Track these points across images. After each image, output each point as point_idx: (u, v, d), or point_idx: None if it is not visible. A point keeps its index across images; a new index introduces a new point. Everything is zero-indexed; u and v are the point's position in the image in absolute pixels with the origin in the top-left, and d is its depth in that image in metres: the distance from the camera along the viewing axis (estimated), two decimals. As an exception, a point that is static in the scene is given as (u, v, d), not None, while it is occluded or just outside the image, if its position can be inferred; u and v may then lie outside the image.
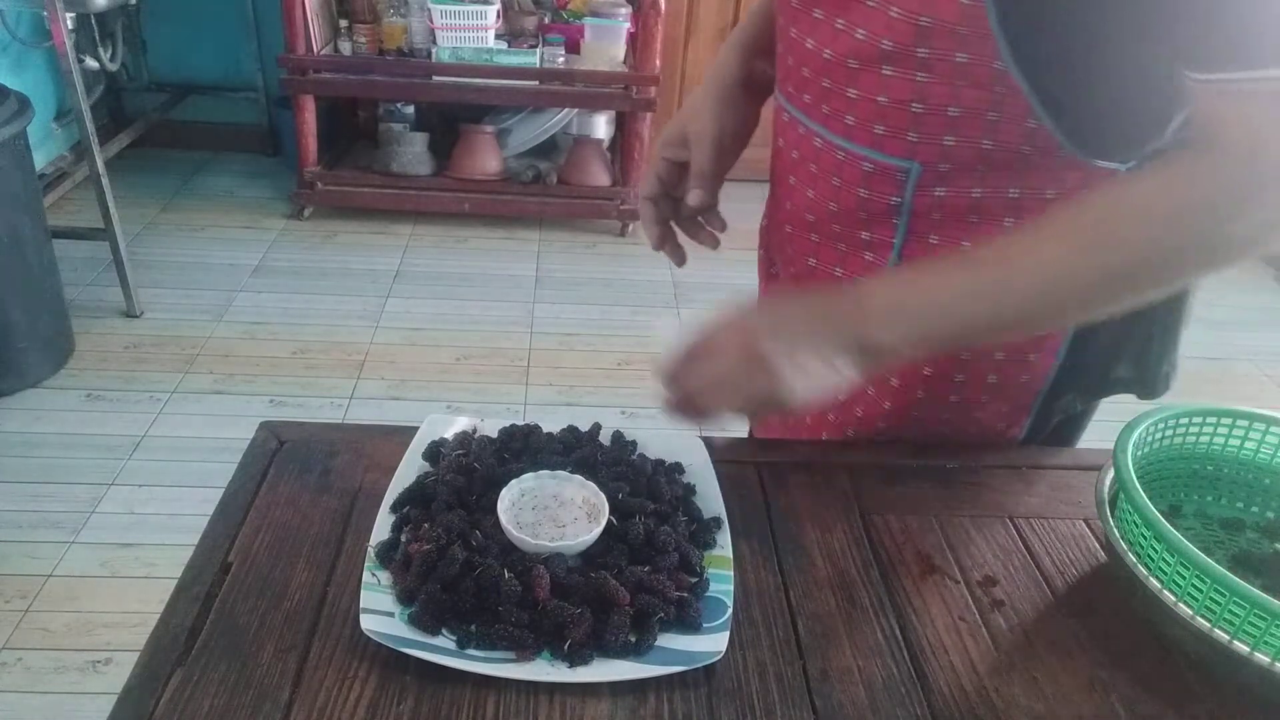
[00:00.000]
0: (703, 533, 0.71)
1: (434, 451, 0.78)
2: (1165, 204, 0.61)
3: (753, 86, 0.88)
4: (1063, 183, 0.73)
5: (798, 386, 0.67)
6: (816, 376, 0.67)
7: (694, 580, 0.67)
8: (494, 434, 0.80)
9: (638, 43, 3.16)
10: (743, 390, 0.69)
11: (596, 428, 0.82)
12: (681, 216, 0.91)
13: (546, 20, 3.32)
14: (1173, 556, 0.62)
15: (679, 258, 0.92)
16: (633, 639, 0.62)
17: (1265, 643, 0.59)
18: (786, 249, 0.88)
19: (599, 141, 3.43)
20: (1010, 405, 0.84)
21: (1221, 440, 0.78)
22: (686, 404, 0.72)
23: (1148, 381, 0.84)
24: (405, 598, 0.64)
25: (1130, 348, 0.82)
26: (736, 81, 0.87)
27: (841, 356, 0.67)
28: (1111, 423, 0.78)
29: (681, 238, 0.92)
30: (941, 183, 0.73)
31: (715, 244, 0.91)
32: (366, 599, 0.63)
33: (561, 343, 2.67)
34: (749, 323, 0.70)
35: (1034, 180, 0.73)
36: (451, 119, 3.44)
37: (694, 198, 0.86)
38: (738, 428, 0.91)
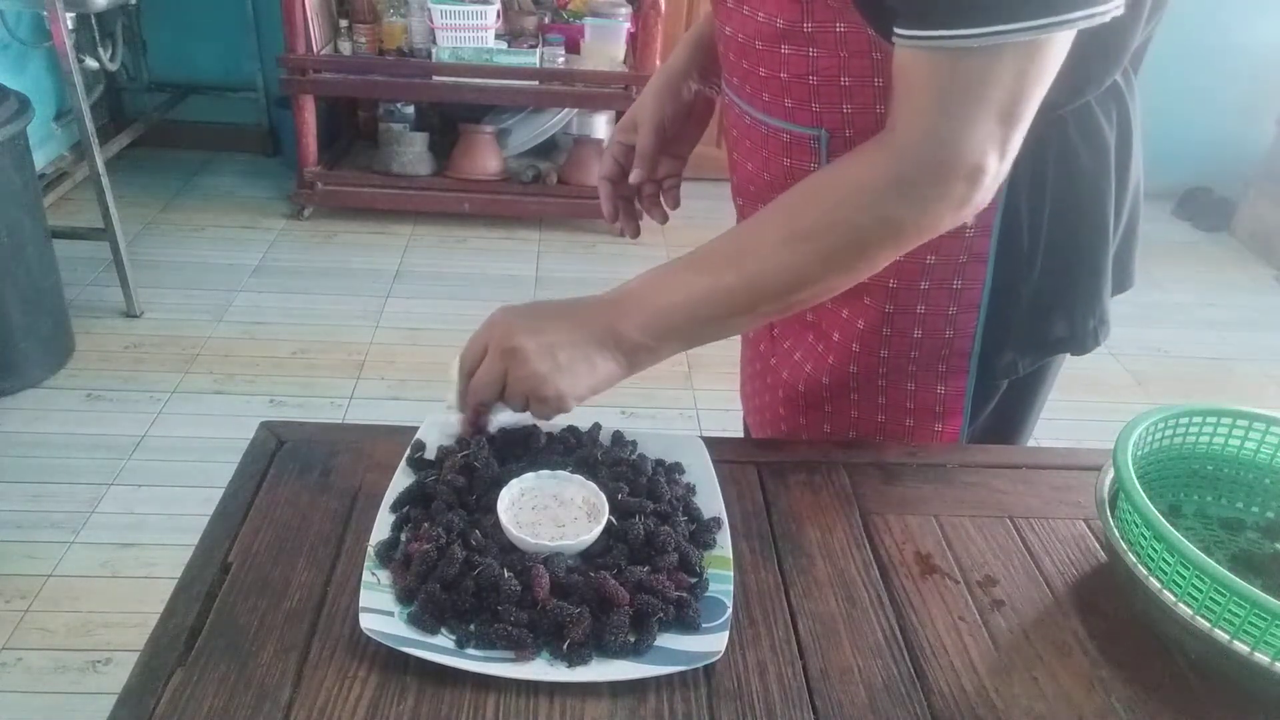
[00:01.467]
0: (702, 533, 0.71)
1: (418, 451, 0.78)
2: (845, 189, 0.67)
3: (699, 76, 0.95)
4: None
5: (562, 382, 0.71)
6: (579, 373, 0.71)
7: (693, 580, 0.67)
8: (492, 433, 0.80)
9: (638, 43, 3.16)
10: (511, 386, 0.73)
11: (596, 428, 0.82)
12: (642, 194, 0.99)
13: (546, 20, 3.32)
14: (1173, 556, 0.62)
15: (631, 230, 1.01)
16: (632, 639, 0.62)
17: (1265, 643, 0.59)
18: (742, 220, 0.92)
19: (599, 141, 3.43)
20: (945, 366, 0.86)
21: (1221, 440, 0.78)
22: (471, 400, 0.76)
23: (1078, 338, 0.85)
24: (405, 597, 0.64)
25: (1061, 304, 0.84)
26: (680, 72, 0.94)
27: (599, 352, 0.72)
28: (1111, 423, 0.78)
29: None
30: (849, 147, 0.76)
31: (664, 219, 1.00)
32: (366, 598, 0.63)
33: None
34: (511, 322, 0.73)
35: None
36: (451, 119, 3.44)
37: (634, 175, 0.96)
38: (737, 427, 0.91)
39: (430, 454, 0.78)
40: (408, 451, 0.77)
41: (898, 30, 0.62)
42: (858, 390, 0.90)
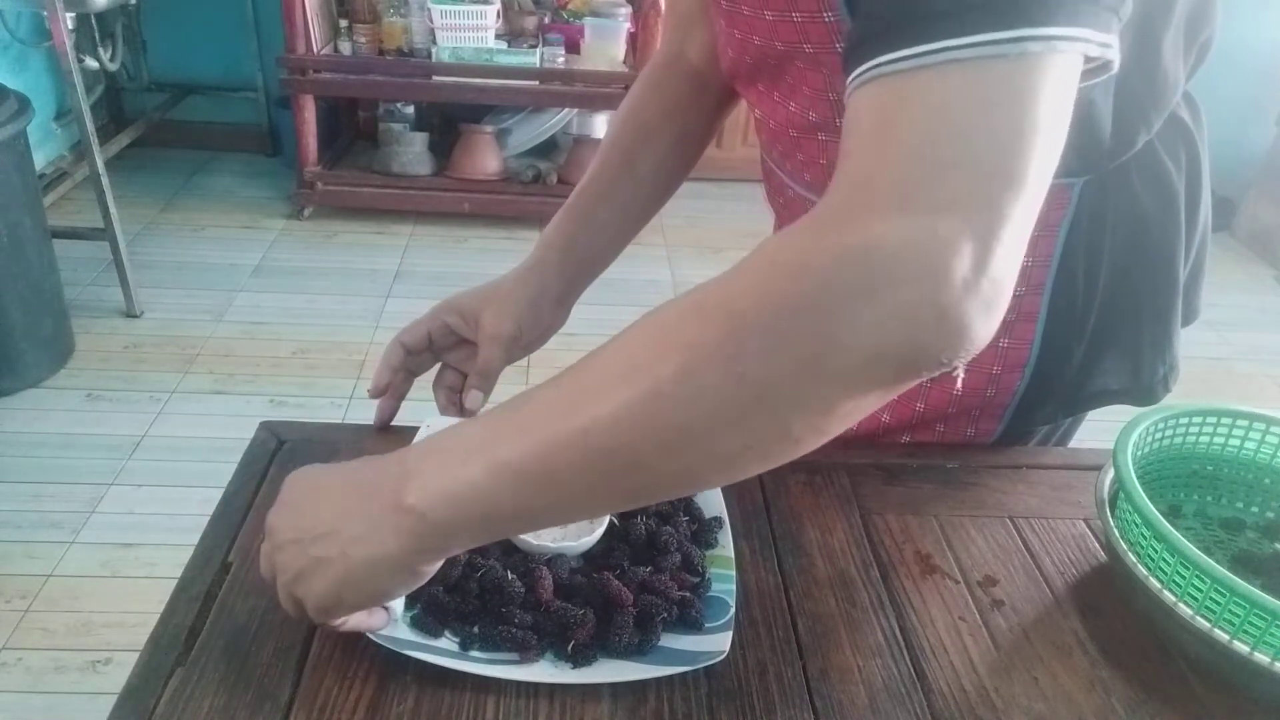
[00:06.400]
0: (704, 532, 0.71)
1: None
2: (734, 279, 0.45)
3: (568, 299, 0.84)
4: None
5: (312, 584, 0.53)
6: (329, 573, 0.52)
7: (696, 580, 0.67)
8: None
9: (638, 43, 3.17)
10: (278, 580, 0.56)
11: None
12: (441, 380, 0.84)
13: (546, 20, 3.32)
14: (1173, 556, 0.62)
15: (387, 415, 0.82)
16: (636, 639, 0.62)
17: (1265, 643, 0.59)
18: None
19: (599, 141, 3.42)
20: (980, 413, 0.84)
21: (1221, 440, 0.78)
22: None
23: (1144, 389, 0.82)
24: (407, 600, 0.64)
25: (1115, 359, 0.80)
26: (552, 296, 0.82)
27: (372, 538, 0.51)
28: (1111, 423, 0.78)
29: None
30: None
31: (461, 412, 0.82)
32: (367, 599, 0.63)
33: (562, 343, 2.66)
34: (282, 494, 0.57)
35: None
36: (451, 119, 3.45)
37: (472, 400, 0.80)
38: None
39: None
40: None
41: (849, 82, 0.46)
42: (886, 436, 0.87)
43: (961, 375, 0.69)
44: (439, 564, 0.55)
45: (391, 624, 0.61)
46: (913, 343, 0.42)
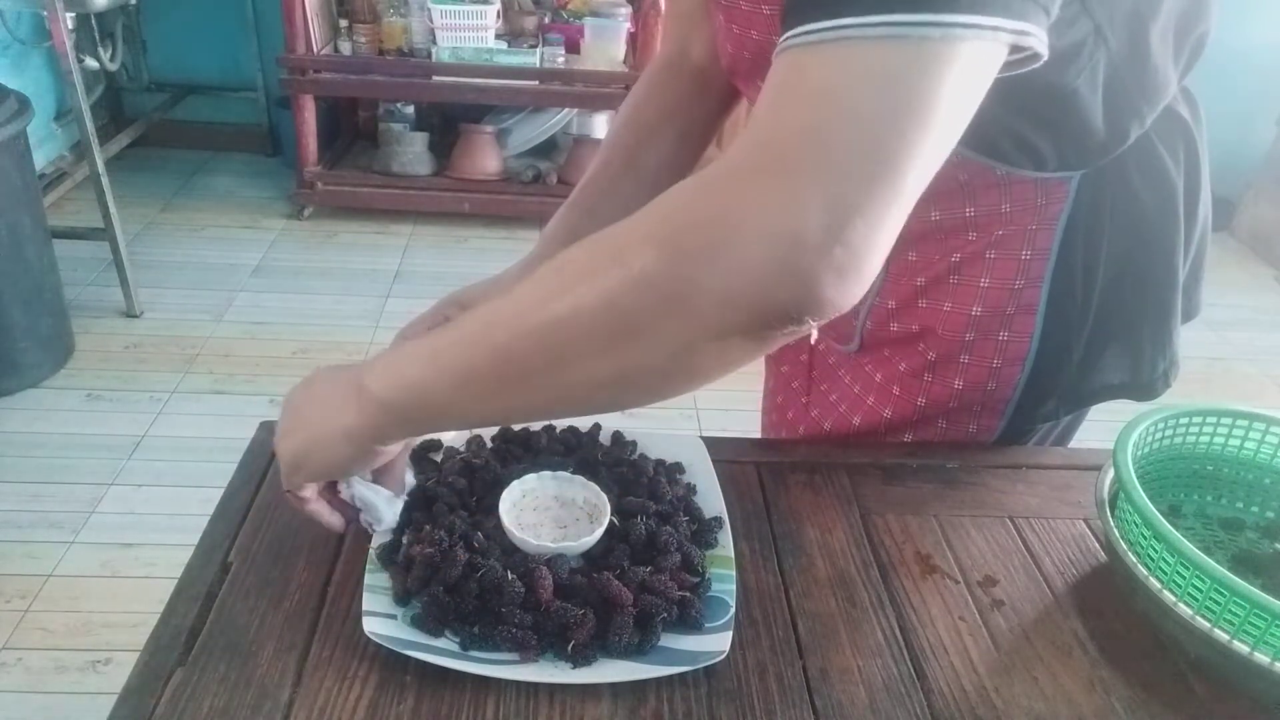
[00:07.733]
0: (704, 532, 0.71)
1: (421, 455, 0.78)
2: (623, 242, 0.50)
3: None
4: (1012, 197, 0.74)
5: (286, 442, 0.64)
6: (300, 434, 0.63)
7: (696, 580, 0.67)
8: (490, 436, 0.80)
9: (638, 42, 3.17)
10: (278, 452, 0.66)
11: (596, 428, 0.82)
12: None
13: (546, 20, 3.32)
14: (1173, 556, 0.62)
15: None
16: (636, 639, 0.62)
17: (1265, 643, 0.59)
18: None
19: (599, 141, 3.43)
20: (981, 408, 0.84)
21: (1221, 440, 0.78)
22: None
23: (1144, 384, 0.82)
24: (408, 600, 0.64)
25: (1115, 353, 0.81)
26: None
27: (336, 413, 0.61)
28: (1111, 423, 0.78)
29: None
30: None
31: None
32: (369, 601, 0.63)
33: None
34: (283, 406, 0.67)
35: (985, 200, 0.75)
36: (451, 119, 3.45)
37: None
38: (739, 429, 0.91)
39: (443, 452, 0.78)
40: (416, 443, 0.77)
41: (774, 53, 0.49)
42: (889, 433, 0.87)
43: (815, 336, 0.75)
44: (392, 446, 0.63)
45: (392, 624, 0.61)
46: (761, 294, 0.46)
